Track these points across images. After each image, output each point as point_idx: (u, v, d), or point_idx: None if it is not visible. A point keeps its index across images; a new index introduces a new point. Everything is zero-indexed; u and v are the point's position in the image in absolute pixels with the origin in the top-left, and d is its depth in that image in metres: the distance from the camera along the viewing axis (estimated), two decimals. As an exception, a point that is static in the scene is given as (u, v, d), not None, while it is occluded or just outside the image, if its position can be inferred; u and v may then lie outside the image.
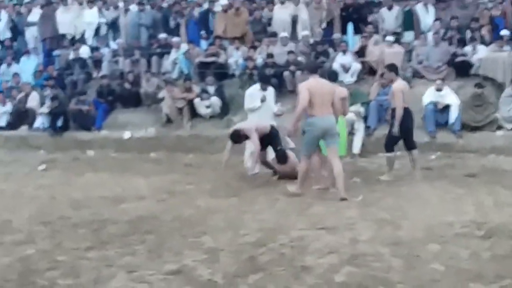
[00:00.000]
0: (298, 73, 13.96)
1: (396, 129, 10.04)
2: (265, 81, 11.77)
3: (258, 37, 16.40)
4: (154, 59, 16.63)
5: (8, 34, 19.00)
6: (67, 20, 17.99)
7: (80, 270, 5.81)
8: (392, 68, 10.60)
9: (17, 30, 19.02)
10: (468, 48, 14.40)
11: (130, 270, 5.79)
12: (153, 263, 6.03)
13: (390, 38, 14.86)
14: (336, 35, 15.57)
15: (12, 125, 16.19)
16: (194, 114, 14.90)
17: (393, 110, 10.09)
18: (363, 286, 5.26)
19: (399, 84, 10.19)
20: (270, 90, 11.64)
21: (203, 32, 17.04)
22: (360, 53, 14.93)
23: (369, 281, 5.35)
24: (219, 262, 6.02)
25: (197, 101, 14.77)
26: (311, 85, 9.09)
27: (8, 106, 16.38)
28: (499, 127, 13.04)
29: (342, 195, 8.81)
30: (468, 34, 14.92)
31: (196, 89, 15.08)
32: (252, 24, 16.79)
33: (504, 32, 14.36)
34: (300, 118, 9.27)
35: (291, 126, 9.29)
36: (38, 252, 6.47)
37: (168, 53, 16.57)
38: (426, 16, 15.78)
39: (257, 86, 11.65)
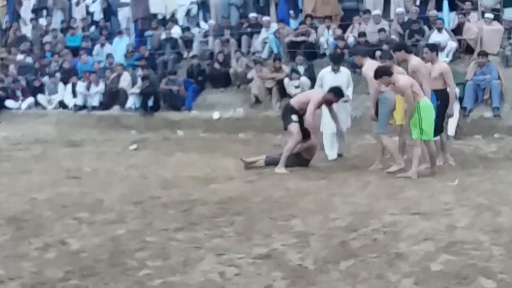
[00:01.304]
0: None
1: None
2: (336, 61, 10.94)
3: (350, 15, 16.04)
4: (244, 38, 16.58)
5: (101, 15, 19.35)
6: (159, 0, 18.12)
7: (169, 251, 5.77)
8: (433, 48, 9.95)
9: (110, 11, 19.34)
10: None
11: (219, 252, 5.71)
12: (242, 246, 5.94)
13: (489, 15, 14.23)
14: (432, 12, 15.01)
15: (104, 105, 16.56)
16: (283, 94, 14.76)
17: (436, 91, 9.39)
18: (461, 275, 4.99)
19: (444, 65, 9.92)
20: (344, 72, 10.92)
21: (292, 12, 16.83)
22: (457, 31, 14.36)
23: (469, 270, 5.07)
24: (310, 247, 5.86)
25: (286, 81, 14.61)
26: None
27: (101, 86, 16.72)
28: None
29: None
30: None
31: (286, 68, 14.92)
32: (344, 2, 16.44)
33: None
34: None
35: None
36: (128, 232, 6.49)
37: (258, 32, 16.47)
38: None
39: (328, 68, 10.97)
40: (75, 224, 6.90)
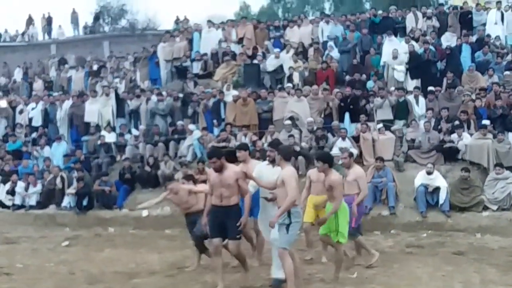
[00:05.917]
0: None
1: None
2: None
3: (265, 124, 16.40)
4: (171, 144, 16.66)
5: (40, 122, 19.14)
6: (94, 110, 18.10)
7: None
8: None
9: (48, 119, 19.15)
10: (455, 136, 14.27)
11: None
12: None
13: (381, 125, 14.85)
14: (334, 123, 15.51)
15: (41, 204, 16.10)
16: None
17: None
18: None
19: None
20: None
21: (215, 121, 17.13)
22: (357, 139, 14.84)
23: None
24: None
25: (209, 181, 14.64)
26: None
27: (39, 187, 16.32)
28: (485, 208, 12.80)
29: None
30: (456, 123, 14.76)
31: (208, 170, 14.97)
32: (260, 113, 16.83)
33: (485, 122, 14.28)
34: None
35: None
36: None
37: (184, 138, 16.59)
38: (416, 106, 15.76)
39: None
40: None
